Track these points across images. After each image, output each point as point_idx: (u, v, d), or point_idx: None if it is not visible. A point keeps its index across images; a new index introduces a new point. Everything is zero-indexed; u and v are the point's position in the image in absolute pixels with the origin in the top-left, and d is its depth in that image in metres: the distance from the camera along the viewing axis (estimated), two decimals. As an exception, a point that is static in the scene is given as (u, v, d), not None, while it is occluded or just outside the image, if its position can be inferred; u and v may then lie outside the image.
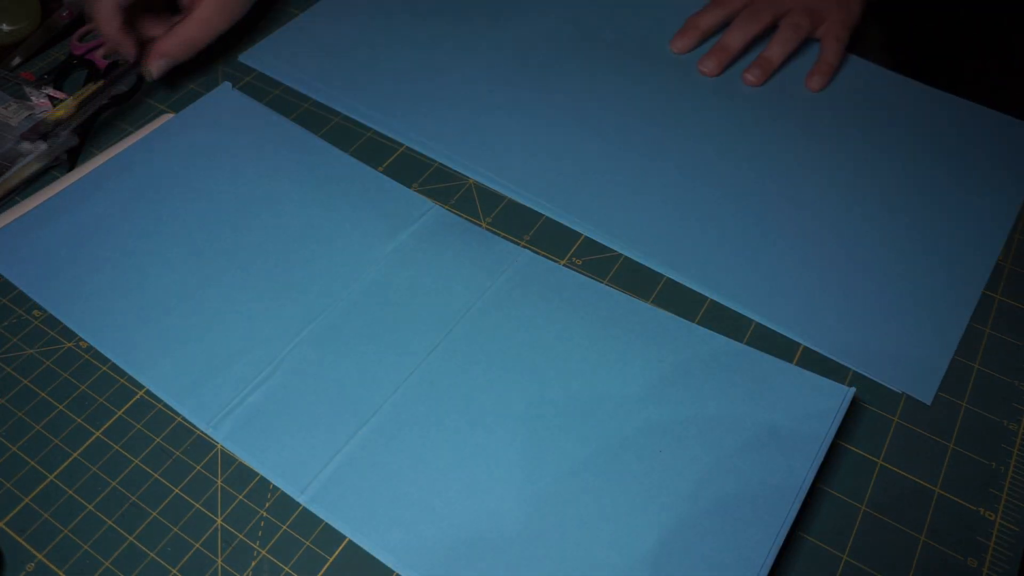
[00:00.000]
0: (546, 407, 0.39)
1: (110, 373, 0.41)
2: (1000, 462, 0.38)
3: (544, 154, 0.51)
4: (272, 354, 0.41)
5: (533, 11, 0.61)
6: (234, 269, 0.45)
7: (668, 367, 0.40)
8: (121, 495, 0.37)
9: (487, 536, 0.35)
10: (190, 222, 0.47)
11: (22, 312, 0.44)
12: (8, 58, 0.59)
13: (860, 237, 0.46)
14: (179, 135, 0.52)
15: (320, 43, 0.59)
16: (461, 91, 0.55)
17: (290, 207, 0.48)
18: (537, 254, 0.46)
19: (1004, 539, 0.36)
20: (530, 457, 0.37)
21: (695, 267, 0.45)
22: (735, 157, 0.51)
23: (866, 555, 0.35)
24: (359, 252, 0.45)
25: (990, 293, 0.45)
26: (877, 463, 0.38)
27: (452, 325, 0.42)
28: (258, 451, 0.38)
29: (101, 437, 0.39)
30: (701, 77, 0.56)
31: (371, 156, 0.51)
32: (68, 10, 0.61)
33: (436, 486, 0.36)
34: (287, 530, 0.36)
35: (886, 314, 0.43)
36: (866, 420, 0.40)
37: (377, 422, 0.38)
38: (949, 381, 0.41)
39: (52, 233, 0.47)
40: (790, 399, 0.39)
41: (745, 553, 0.34)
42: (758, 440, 0.37)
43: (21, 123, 0.51)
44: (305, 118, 0.54)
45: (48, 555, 0.36)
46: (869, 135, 0.52)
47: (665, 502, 0.36)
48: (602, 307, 0.43)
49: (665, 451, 0.37)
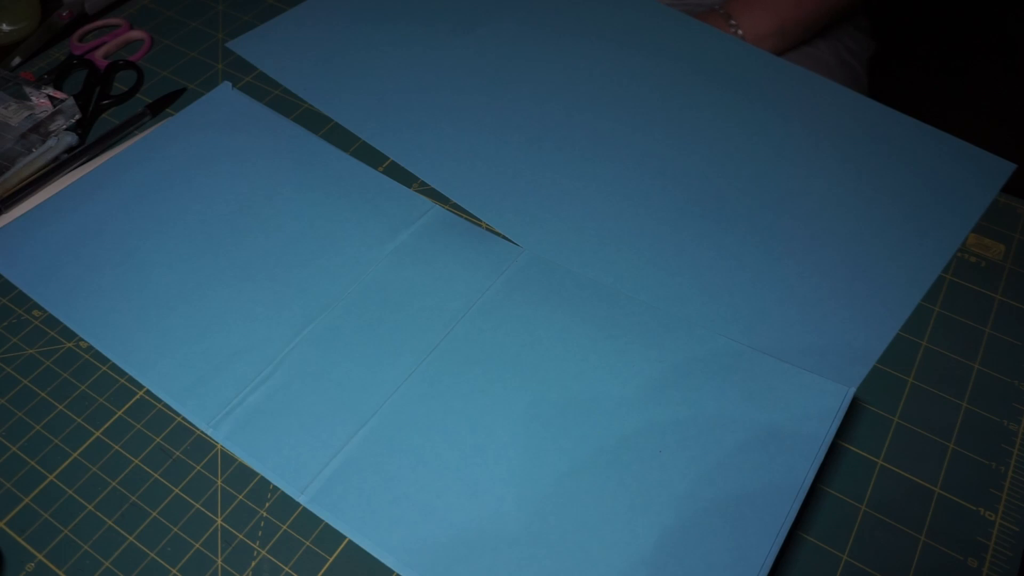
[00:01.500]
0: (546, 407, 0.39)
1: (110, 373, 0.41)
2: (1000, 462, 0.38)
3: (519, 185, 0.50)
4: (272, 354, 0.41)
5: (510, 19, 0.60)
6: (234, 269, 0.45)
7: (667, 368, 0.40)
8: (121, 495, 0.37)
9: (486, 536, 0.35)
10: (190, 222, 0.47)
11: (22, 312, 0.44)
12: (8, 58, 0.59)
13: (799, 241, 0.47)
14: (179, 135, 0.52)
15: (307, 40, 0.59)
16: (445, 106, 0.54)
17: (290, 207, 0.48)
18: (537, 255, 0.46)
19: (1004, 539, 0.36)
20: (530, 457, 0.37)
21: (629, 278, 0.45)
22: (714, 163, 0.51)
23: (866, 555, 0.36)
24: (359, 252, 0.45)
25: (990, 293, 0.45)
26: (877, 463, 0.38)
27: (452, 325, 0.42)
28: (258, 451, 0.38)
29: (101, 437, 0.39)
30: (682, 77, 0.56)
31: (371, 156, 0.51)
32: (68, 10, 0.61)
33: (436, 486, 0.36)
34: (287, 530, 0.36)
35: (824, 309, 0.44)
36: (866, 420, 0.40)
37: (377, 422, 0.38)
38: (949, 380, 0.41)
39: (52, 233, 0.47)
40: (789, 399, 0.39)
41: (745, 553, 0.34)
42: (758, 440, 0.37)
43: (21, 123, 0.51)
44: (305, 118, 0.54)
45: (48, 555, 0.36)
46: (819, 151, 0.52)
47: (664, 502, 0.36)
48: (602, 307, 0.43)
49: (664, 451, 0.37)
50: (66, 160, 0.51)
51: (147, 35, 0.60)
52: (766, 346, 0.42)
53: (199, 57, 0.59)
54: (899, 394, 0.41)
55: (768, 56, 0.58)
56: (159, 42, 0.60)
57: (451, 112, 0.54)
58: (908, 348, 0.42)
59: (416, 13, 0.61)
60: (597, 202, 0.48)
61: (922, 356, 0.42)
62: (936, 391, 0.41)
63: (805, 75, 0.56)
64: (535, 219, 0.47)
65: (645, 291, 0.44)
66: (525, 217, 0.48)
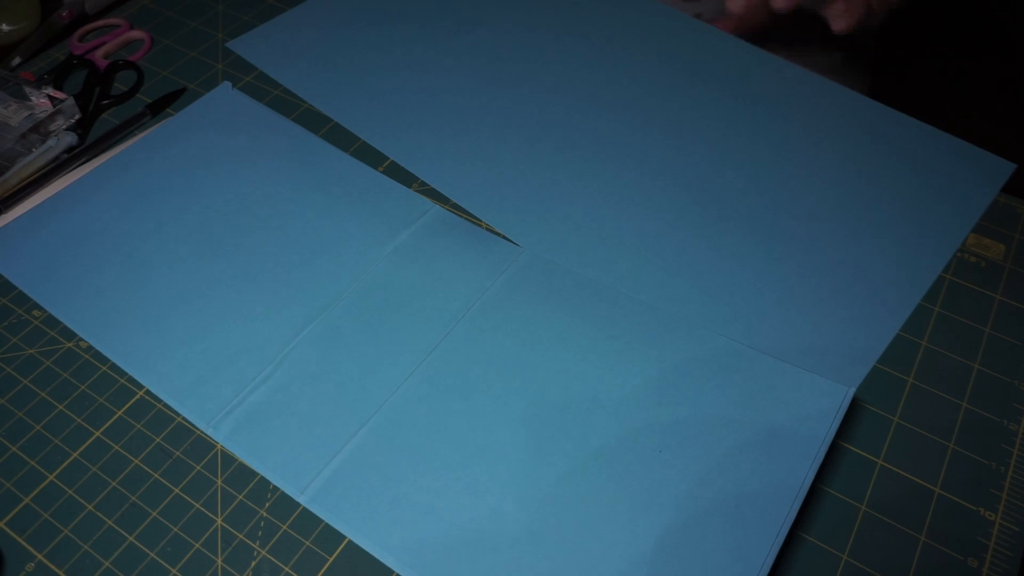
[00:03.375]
0: (546, 407, 0.39)
1: (110, 373, 0.41)
2: (1000, 462, 0.38)
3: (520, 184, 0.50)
4: (272, 354, 0.41)
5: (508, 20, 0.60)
6: (234, 269, 0.45)
7: (668, 367, 0.40)
8: (121, 495, 0.37)
9: (487, 536, 0.35)
10: (190, 222, 0.47)
11: (22, 312, 0.44)
12: (8, 58, 0.59)
13: (798, 240, 0.47)
14: (179, 135, 0.52)
15: (307, 40, 0.59)
16: (447, 106, 0.54)
17: (290, 207, 0.48)
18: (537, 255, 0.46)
19: (1004, 539, 0.36)
20: (529, 457, 0.37)
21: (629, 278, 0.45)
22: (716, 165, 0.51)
23: (866, 555, 0.35)
24: (359, 252, 0.45)
25: (990, 293, 0.45)
26: (877, 463, 0.38)
27: (452, 325, 0.42)
28: (258, 451, 0.38)
29: (101, 437, 0.39)
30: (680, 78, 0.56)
31: (371, 156, 0.51)
32: (68, 10, 0.61)
33: (436, 486, 0.36)
34: (287, 530, 0.36)
35: (823, 309, 0.44)
36: (866, 420, 0.40)
37: (377, 422, 0.38)
38: (949, 380, 0.41)
39: (52, 233, 0.47)
40: (789, 400, 0.39)
41: (744, 554, 0.34)
42: (757, 441, 0.37)
43: (21, 123, 0.51)
44: (305, 118, 0.54)
45: (48, 555, 0.36)
46: (820, 150, 0.52)
47: (664, 503, 0.36)
48: (602, 307, 0.43)
49: (664, 452, 0.37)
50: (66, 160, 0.51)
51: (147, 35, 0.60)
52: (766, 346, 0.42)
53: (199, 57, 0.59)
54: (899, 394, 0.41)
55: (767, 56, 0.58)
56: (159, 42, 0.60)
57: (451, 112, 0.54)
58: (908, 348, 0.42)
59: (416, 13, 0.61)
60: (597, 202, 0.48)
61: (922, 356, 0.42)
62: (936, 391, 0.41)
63: (805, 75, 0.56)
64: (535, 219, 0.47)
65: (645, 291, 0.44)
66: (525, 217, 0.48)
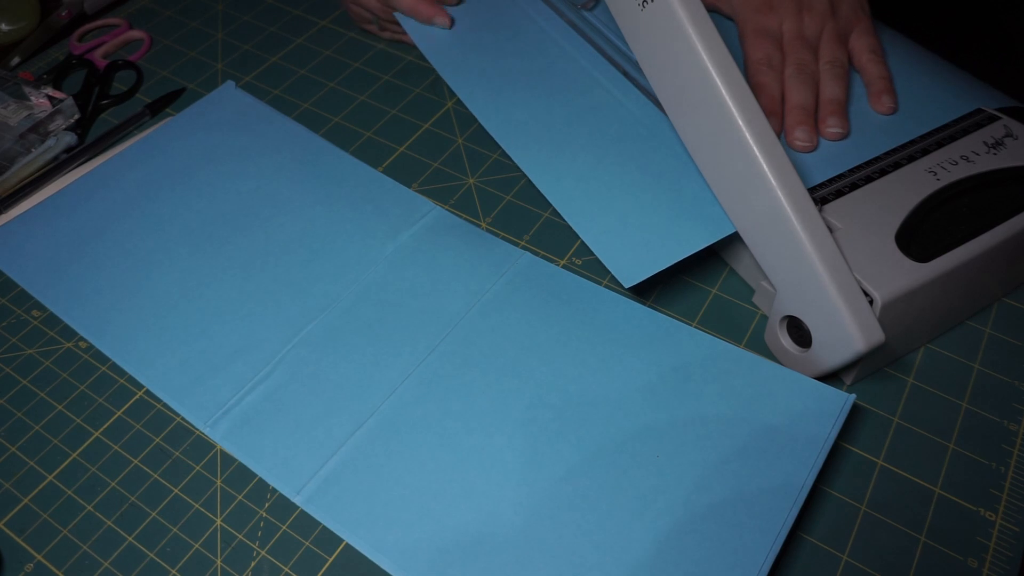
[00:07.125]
0: (544, 410, 0.39)
1: (110, 373, 0.41)
2: (1000, 462, 0.38)
3: None
4: (271, 354, 0.41)
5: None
6: (234, 269, 0.45)
7: (666, 371, 0.40)
8: (121, 495, 0.37)
9: (483, 539, 0.35)
10: (191, 221, 0.47)
11: (22, 312, 0.44)
12: (7, 58, 0.59)
13: None
14: (180, 134, 0.52)
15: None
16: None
17: (290, 207, 0.48)
18: (537, 256, 0.46)
19: (1004, 539, 0.36)
20: (527, 460, 0.37)
21: None
22: None
23: (866, 555, 0.35)
24: (359, 252, 0.45)
25: (990, 293, 0.45)
26: (877, 463, 0.38)
27: (451, 327, 0.42)
28: (254, 451, 0.38)
29: (100, 437, 0.39)
30: None
31: (371, 156, 0.51)
32: (68, 10, 0.61)
33: (433, 488, 0.36)
34: (287, 530, 0.36)
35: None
36: (866, 420, 0.40)
37: (374, 424, 0.38)
38: (949, 380, 0.41)
39: (53, 232, 0.47)
40: (789, 404, 0.38)
41: (741, 559, 0.34)
42: (756, 445, 0.37)
43: (20, 123, 0.51)
44: (305, 118, 0.54)
45: (48, 555, 0.36)
46: None
47: (661, 507, 0.35)
48: (601, 310, 0.43)
49: (662, 455, 0.37)
50: (65, 160, 0.51)
51: (146, 35, 0.60)
52: (766, 349, 0.42)
53: (198, 57, 0.59)
54: (899, 394, 0.41)
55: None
56: (158, 42, 0.60)
57: None
58: (908, 348, 0.42)
59: None
60: None
61: (922, 356, 0.42)
62: (936, 391, 0.41)
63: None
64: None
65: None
66: None
